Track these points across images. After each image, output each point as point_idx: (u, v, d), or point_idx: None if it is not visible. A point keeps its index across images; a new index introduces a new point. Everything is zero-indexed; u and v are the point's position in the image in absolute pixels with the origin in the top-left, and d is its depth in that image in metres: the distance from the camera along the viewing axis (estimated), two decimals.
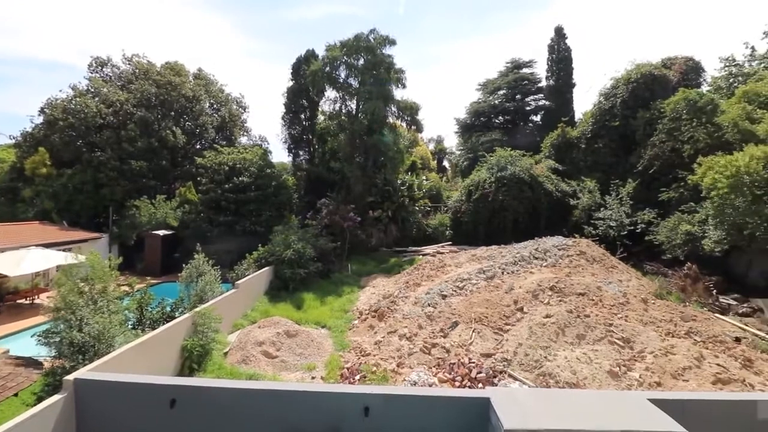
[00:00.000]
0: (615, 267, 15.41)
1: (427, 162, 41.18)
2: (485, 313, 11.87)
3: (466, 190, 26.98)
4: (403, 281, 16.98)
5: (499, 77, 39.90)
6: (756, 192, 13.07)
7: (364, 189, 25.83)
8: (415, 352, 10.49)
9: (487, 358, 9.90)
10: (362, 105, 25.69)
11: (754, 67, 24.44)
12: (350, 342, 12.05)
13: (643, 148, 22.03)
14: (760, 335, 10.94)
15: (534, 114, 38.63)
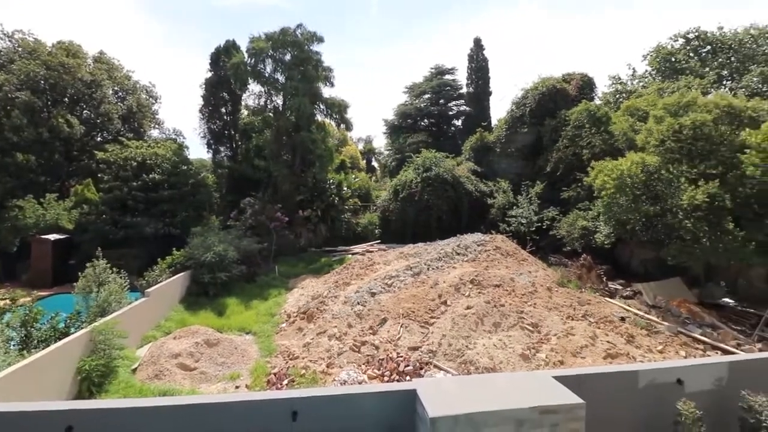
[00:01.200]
0: (525, 260, 16.98)
1: (357, 161, 41.42)
2: (412, 308, 12.30)
3: (394, 189, 27.67)
4: (332, 281, 16.88)
5: (424, 82, 41.56)
6: (635, 192, 15.34)
7: (292, 188, 25.14)
8: (344, 352, 10.50)
9: (414, 352, 10.27)
10: (289, 101, 24.97)
11: (635, 86, 28.68)
12: (278, 346, 11.66)
13: (550, 153, 24.55)
14: (640, 314, 12.88)
15: (456, 118, 40.94)
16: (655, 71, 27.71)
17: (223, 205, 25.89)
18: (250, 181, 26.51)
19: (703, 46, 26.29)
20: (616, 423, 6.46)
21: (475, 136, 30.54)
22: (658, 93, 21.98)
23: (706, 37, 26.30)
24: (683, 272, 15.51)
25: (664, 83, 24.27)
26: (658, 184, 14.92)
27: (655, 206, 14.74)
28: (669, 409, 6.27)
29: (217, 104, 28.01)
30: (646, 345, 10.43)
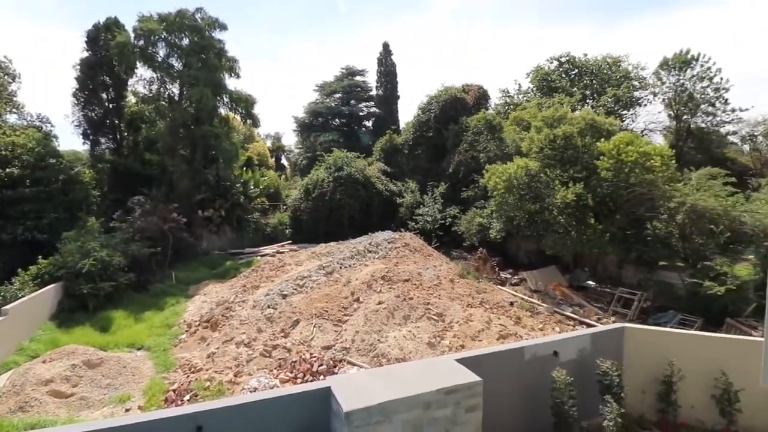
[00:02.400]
0: (431, 255, 18.19)
1: (265, 159, 39.56)
2: (325, 307, 12.31)
3: (305, 188, 27.22)
4: (240, 285, 15.98)
5: (335, 81, 41.57)
6: (521, 192, 17.54)
7: (191, 185, 23.06)
8: (254, 358, 10.08)
9: (327, 350, 10.32)
10: (188, 91, 22.84)
11: (520, 99, 32.53)
12: (177, 360, 10.67)
13: (452, 156, 26.57)
14: (525, 299, 14.76)
15: (367, 119, 41.83)
16: (535, 88, 31.82)
17: (105, 205, 22.52)
18: (138, 177, 23.56)
19: (572, 69, 31.02)
20: (508, 394, 7.38)
21: (385, 138, 31.57)
22: (538, 107, 25.30)
23: (574, 61, 31.07)
24: (557, 260, 18.20)
25: (543, 99, 28.05)
26: (538, 186, 17.25)
27: (536, 204, 17.04)
28: (547, 378, 7.37)
29: (96, 89, 24.26)
30: (530, 324, 12.04)
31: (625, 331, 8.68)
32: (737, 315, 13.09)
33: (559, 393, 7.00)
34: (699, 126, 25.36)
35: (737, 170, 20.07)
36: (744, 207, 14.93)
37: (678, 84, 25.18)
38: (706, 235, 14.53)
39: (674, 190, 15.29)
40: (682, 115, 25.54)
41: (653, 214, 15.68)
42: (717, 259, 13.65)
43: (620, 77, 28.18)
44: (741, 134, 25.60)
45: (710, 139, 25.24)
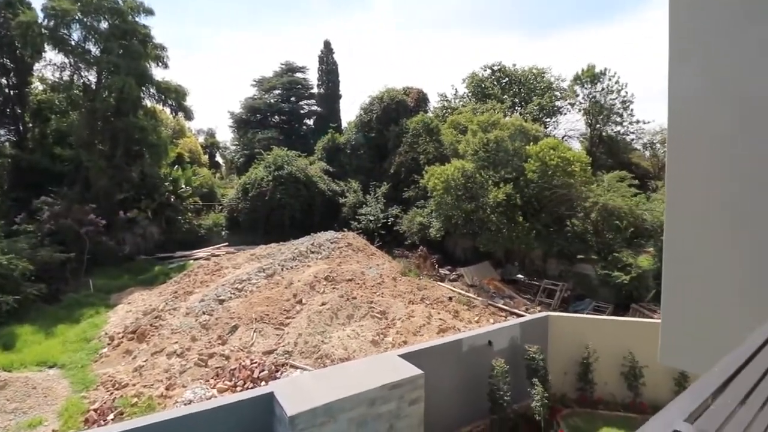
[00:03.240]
0: (374, 254, 18.45)
1: (198, 156, 37.15)
2: (266, 310, 11.98)
3: (243, 187, 26.10)
4: (170, 291, 14.93)
5: (274, 77, 40.25)
6: (458, 193, 18.48)
7: (110, 184, 20.99)
8: (189, 368, 9.53)
9: (269, 355, 10.06)
10: (108, 79, 20.76)
11: (457, 104, 34.10)
12: (97, 376, 9.74)
13: (393, 157, 27.12)
14: (462, 293, 15.57)
15: (308, 118, 41.06)
16: (470, 93, 33.57)
17: (6, 206, 19.69)
18: (47, 174, 20.92)
19: (503, 78, 33.20)
20: (448, 384, 7.79)
21: (327, 137, 31.30)
22: (473, 112, 26.76)
23: (505, 70, 33.28)
24: (491, 256, 19.43)
25: (477, 104, 29.70)
26: (473, 186, 18.28)
27: (472, 204, 18.05)
28: (483, 366, 7.89)
29: None
30: (467, 317, 12.75)
31: (549, 319, 9.57)
32: (640, 300, 15.01)
33: (496, 380, 7.54)
34: (609, 134, 28.55)
35: (640, 174, 22.92)
36: (645, 206, 17.16)
37: (591, 96, 28.14)
38: (614, 230, 16.47)
39: (589, 192, 17.15)
40: (595, 124, 28.57)
41: (572, 212, 17.43)
42: (623, 252, 15.56)
43: (544, 87, 30.74)
44: (643, 142, 29.31)
45: (618, 145, 28.54)
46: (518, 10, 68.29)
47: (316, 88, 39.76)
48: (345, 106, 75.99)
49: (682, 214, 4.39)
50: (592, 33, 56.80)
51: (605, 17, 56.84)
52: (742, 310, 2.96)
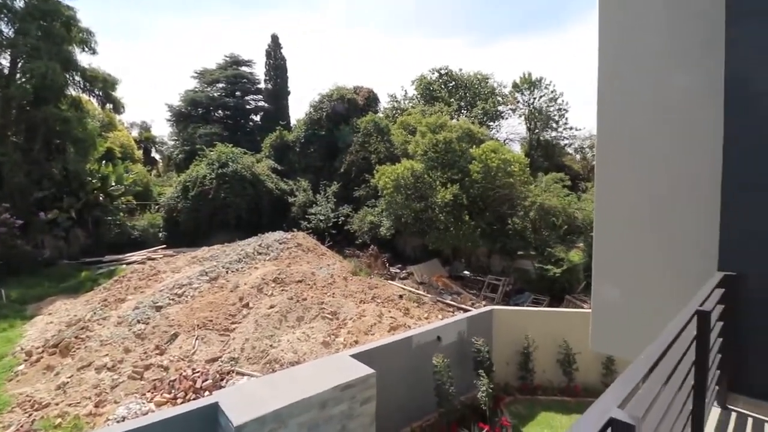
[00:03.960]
0: (324, 254, 18.21)
1: (131, 151, 34.20)
2: (210, 316, 11.36)
3: (183, 186, 24.51)
4: (99, 300, 13.63)
5: (217, 69, 38.22)
6: (407, 192, 18.80)
7: (28, 180, 18.72)
8: (121, 382, 8.77)
9: (213, 363, 9.55)
10: (25, 64, 18.46)
11: (407, 105, 34.67)
12: (13, 397, 8.64)
13: (344, 156, 26.94)
14: (412, 291, 15.87)
15: (254, 114, 39.48)
16: (420, 95, 34.30)
17: None
18: None
19: (450, 81, 34.31)
20: (399, 381, 7.89)
21: (275, 134, 30.34)
22: (422, 113, 27.36)
23: (452, 74, 34.41)
24: (439, 254, 20.02)
25: (426, 106, 30.41)
26: (422, 186, 18.70)
27: (421, 203, 18.46)
28: (432, 362, 8.10)
29: None
30: (417, 315, 13.01)
31: (493, 313, 10.06)
32: (573, 292, 16.28)
33: (439, 375, 7.77)
34: (546, 138, 30.63)
35: (572, 175, 24.81)
36: (577, 205, 18.63)
37: (530, 102, 30.02)
38: (550, 228, 17.72)
39: (528, 192, 18.28)
40: (534, 129, 30.50)
41: (513, 211, 18.48)
42: (557, 248, 16.77)
43: (488, 93, 32.25)
44: (575, 146, 31.79)
45: (554, 149, 30.72)
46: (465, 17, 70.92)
47: (263, 83, 38.34)
48: (294, 103, 74.46)
49: (608, 213, 4.83)
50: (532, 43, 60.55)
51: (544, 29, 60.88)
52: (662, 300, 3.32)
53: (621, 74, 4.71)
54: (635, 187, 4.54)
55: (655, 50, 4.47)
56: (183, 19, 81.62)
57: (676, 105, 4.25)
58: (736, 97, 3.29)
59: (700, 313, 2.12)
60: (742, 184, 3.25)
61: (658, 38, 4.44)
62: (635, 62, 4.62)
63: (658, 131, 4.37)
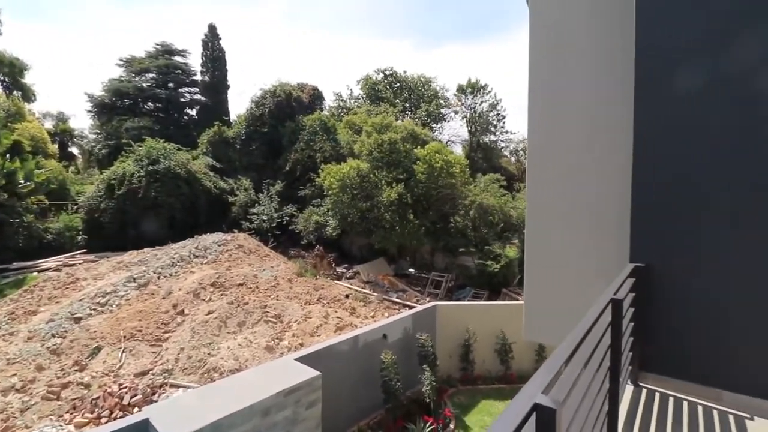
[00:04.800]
0: (268, 255, 17.61)
1: (43, 145, 30.37)
2: (138, 326, 10.48)
3: (108, 184, 22.29)
4: (4, 312, 11.98)
5: (147, 58, 35.24)
6: (353, 192, 18.77)
7: None
8: (33, 404, 7.80)
9: (143, 377, 8.83)
10: None
11: (352, 104, 34.58)
12: None
13: (289, 154, 26.21)
14: (359, 290, 15.88)
15: (190, 107, 36.99)
16: (365, 95, 34.40)
17: None
18: None
19: (395, 83, 34.81)
20: (346, 381, 7.86)
21: (213, 130, 28.71)
22: (368, 113, 27.46)
23: (397, 75, 34.92)
24: (385, 253, 20.25)
25: (372, 106, 30.57)
26: (368, 186, 18.79)
27: (367, 203, 18.54)
28: (379, 360, 8.17)
29: None
30: (363, 314, 13.04)
31: (437, 308, 10.39)
32: (509, 285, 17.31)
33: (386, 371, 7.86)
34: (485, 141, 32.24)
35: (508, 176, 26.35)
36: (512, 204, 19.83)
37: (472, 107, 31.44)
38: (488, 226, 18.68)
39: (468, 192, 19.12)
40: (474, 132, 31.95)
41: (455, 210, 19.22)
42: (495, 244, 17.75)
43: (431, 95, 33.19)
44: (510, 149, 33.81)
45: (492, 152, 32.43)
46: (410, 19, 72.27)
47: (199, 75, 36.03)
48: (234, 98, 71.01)
49: (538, 212, 5.21)
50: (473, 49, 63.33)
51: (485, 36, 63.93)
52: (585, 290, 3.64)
53: (547, 85, 5.10)
54: (561, 188, 4.95)
55: (575, 61, 4.89)
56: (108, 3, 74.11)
57: (595, 113, 4.70)
58: (644, 103, 3.71)
59: (614, 301, 2.35)
60: (648, 185, 3.67)
61: (579, 50, 4.87)
62: (560, 74, 5.03)
63: (579, 137, 4.80)
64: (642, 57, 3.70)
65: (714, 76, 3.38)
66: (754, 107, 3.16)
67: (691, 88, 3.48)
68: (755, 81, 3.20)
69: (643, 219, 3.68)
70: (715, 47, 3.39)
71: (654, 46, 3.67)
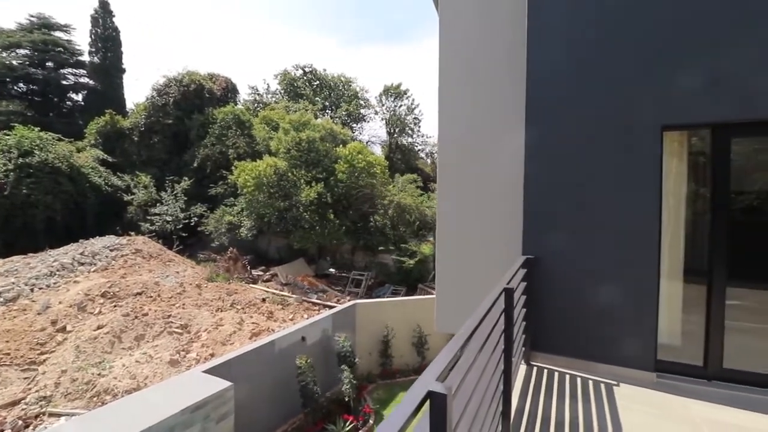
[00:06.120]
0: (172, 260, 16.04)
1: None
2: (6, 348, 8.79)
3: None
4: None
5: (19, 31, 29.60)
6: (271, 191, 18.01)
7: None
8: None
9: (13, 408, 7.42)
10: None
11: (269, 99, 33.15)
12: None
13: (197, 149, 24.15)
14: (276, 293, 15.30)
15: (75, 91, 31.99)
16: (283, 91, 33.25)
17: None
18: None
19: (315, 80, 34.22)
20: (262, 388, 7.52)
21: (105, 119, 25.25)
22: (285, 109, 26.57)
23: (316, 73, 34.34)
24: (305, 253, 19.83)
25: (290, 102, 29.67)
26: (286, 184, 18.21)
27: (285, 202, 17.95)
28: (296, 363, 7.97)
29: None
30: (281, 317, 12.61)
31: (356, 307, 10.49)
32: (425, 281, 18.16)
33: (304, 375, 7.72)
34: (403, 143, 33.37)
35: (424, 177, 27.61)
36: (427, 203, 20.84)
37: (392, 109, 32.31)
38: (406, 224, 19.40)
39: (387, 192, 19.63)
40: (393, 133, 32.87)
41: (374, 210, 19.59)
42: (412, 242, 18.50)
43: (351, 95, 33.34)
44: (426, 151, 35.47)
45: (410, 153, 33.69)
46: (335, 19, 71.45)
47: (87, 55, 31.30)
48: (130, 83, 63.13)
49: (447, 211, 5.57)
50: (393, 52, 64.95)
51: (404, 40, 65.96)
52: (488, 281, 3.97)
53: (454, 91, 5.47)
54: (465, 189, 5.36)
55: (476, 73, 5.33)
56: None
57: (497, 120, 5.17)
58: (533, 113, 4.19)
59: (507, 290, 2.62)
60: (536, 191, 4.16)
61: (480, 62, 5.32)
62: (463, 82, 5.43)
63: (481, 142, 5.24)
64: (533, 66, 4.18)
65: (587, 96, 3.96)
66: (630, 128, 3.77)
67: (573, 108, 4.02)
68: (630, 110, 3.82)
69: (532, 218, 4.16)
70: (588, 69, 3.97)
71: (538, 70, 4.17)
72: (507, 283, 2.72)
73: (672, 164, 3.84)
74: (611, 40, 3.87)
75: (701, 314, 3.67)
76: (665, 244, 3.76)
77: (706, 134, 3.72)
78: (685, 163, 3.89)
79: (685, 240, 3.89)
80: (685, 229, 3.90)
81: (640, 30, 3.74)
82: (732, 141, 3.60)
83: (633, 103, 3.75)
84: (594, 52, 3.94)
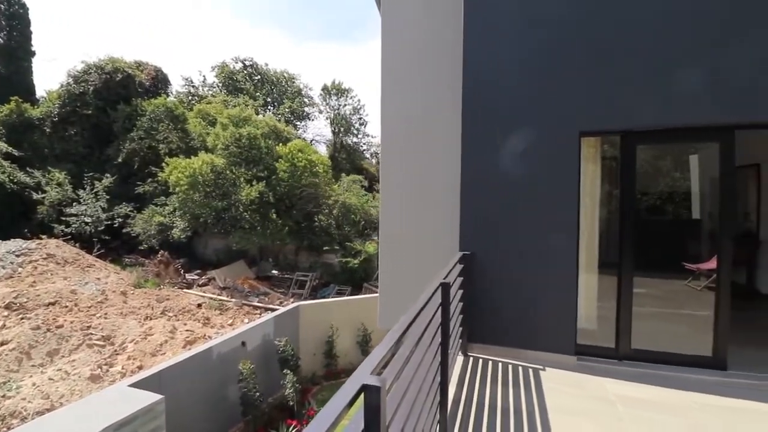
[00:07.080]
0: (92, 265, 14.53)
1: None
2: None
3: None
4: None
5: None
6: (207, 189, 17.02)
7: None
8: None
9: None
10: None
11: (206, 92, 31.26)
12: None
13: (122, 142, 22.07)
14: (214, 297, 14.50)
15: None
16: (221, 84, 31.54)
17: None
18: None
19: (256, 75, 32.86)
20: (198, 399, 7.09)
21: (10, 107, 22.17)
22: (224, 104, 25.25)
23: (257, 68, 33.00)
24: (245, 255, 19.02)
25: (229, 97, 28.23)
26: (225, 183, 17.32)
27: (223, 202, 17.07)
28: (237, 370, 7.63)
29: None
30: (219, 323, 11.98)
31: (299, 309, 10.28)
32: (370, 280, 18.28)
33: (245, 382, 7.43)
34: (348, 143, 33.27)
35: (369, 177, 27.76)
36: (372, 203, 20.98)
37: (336, 108, 32.02)
38: (351, 224, 19.38)
39: (332, 191, 19.45)
40: (338, 132, 32.62)
41: (319, 209, 19.31)
42: (357, 242, 18.53)
43: (295, 92, 32.54)
44: (371, 151, 35.69)
45: (355, 153, 33.66)
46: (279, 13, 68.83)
47: None
48: (41, 68, 56.10)
49: (389, 209, 5.66)
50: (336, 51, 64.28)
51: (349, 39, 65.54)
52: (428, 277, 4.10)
53: (396, 92, 5.59)
54: (407, 189, 5.50)
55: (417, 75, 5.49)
56: None
57: (438, 122, 5.35)
58: (468, 112, 4.40)
59: (443, 284, 2.73)
60: (470, 185, 4.38)
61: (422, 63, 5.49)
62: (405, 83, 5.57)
63: (420, 143, 5.40)
64: (468, 66, 4.40)
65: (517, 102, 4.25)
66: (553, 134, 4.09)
67: (505, 113, 4.29)
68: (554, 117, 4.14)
69: (468, 216, 4.38)
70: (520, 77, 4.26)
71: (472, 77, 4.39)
72: (444, 278, 2.84)
73: (588, 168, 4.25)
74: (536, 51, 4.19)
75: (614, 301, 4.11)
76: (583, 240, 4.16)
77: (617, 140, 4.17)
78: (599, 167, 4.33)
79: (600, 236, 4.33)
80: (600, 227, 4.34)
81: (565, 41, 4.10)
82: (637, 147, 4.07)
83: (556, 110, 4.10)
84: (526, 60, 4.24)
